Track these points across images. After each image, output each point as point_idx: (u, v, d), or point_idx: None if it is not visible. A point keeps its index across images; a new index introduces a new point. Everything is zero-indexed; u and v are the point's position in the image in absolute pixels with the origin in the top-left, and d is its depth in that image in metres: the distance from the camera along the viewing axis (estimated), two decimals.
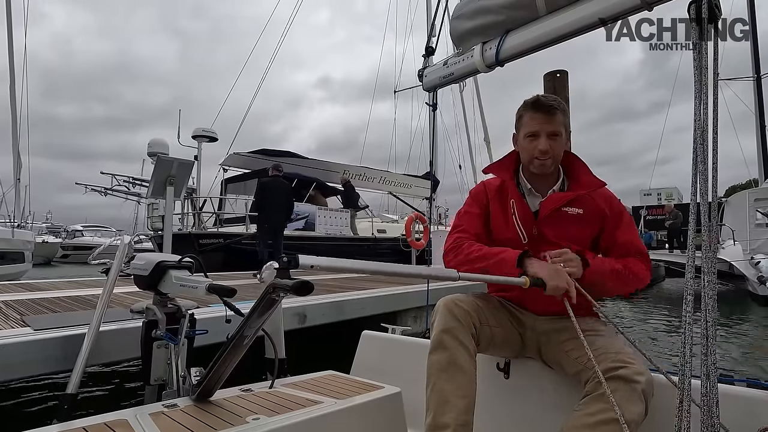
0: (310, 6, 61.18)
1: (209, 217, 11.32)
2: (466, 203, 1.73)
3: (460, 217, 1.71)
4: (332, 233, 11.86)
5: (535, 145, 1.52)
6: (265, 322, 1.18)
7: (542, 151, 1.50)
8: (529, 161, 1.56)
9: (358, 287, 5.16)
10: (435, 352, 1.38)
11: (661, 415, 1.26)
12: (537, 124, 1.52)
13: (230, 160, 12.28)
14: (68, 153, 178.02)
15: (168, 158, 4.48)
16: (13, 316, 3.10)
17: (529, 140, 1.54)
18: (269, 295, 1.05)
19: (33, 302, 3.87)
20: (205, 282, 1.48)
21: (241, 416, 1.25)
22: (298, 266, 0.91)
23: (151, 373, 1.77)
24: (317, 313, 3.85)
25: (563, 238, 1.52)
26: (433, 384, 1.35)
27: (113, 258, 2.45)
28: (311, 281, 0.93)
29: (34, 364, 2.34)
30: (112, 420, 1.21)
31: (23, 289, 5.03)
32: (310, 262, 0.91)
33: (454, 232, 1.65)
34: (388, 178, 14.95)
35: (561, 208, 1.55)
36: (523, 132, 1.57)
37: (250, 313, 1.15)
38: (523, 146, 1.57)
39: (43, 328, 2.58)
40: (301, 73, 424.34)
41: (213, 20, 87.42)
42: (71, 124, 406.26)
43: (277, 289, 1.00)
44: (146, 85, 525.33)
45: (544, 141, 1.50)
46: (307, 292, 0.92)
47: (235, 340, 1.21)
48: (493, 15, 1.96)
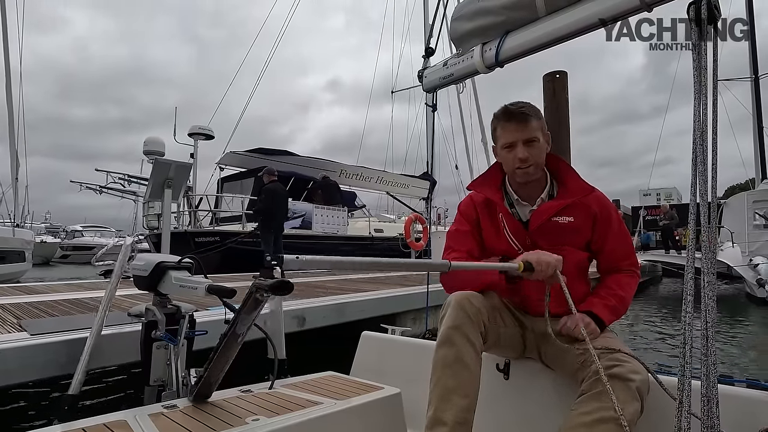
0: (326, 12, 60.25)
1: (205, 215, 11.33)
2: (456, 220, 1.72)
3: (451, 235, 1.69)
4: (329, 232, 11.87)
5: (514, 154, 1.50)
6: (266, 323, 1.19)
7: (521, 159, 1.49)
8: (512, 172, 1.55)
9: (358, 289, 5.16)
10: (442, 347, 1.38)
11: (659, 415, 1.26)
12: (511, 134, 1.51)
13: (226, 158, 12.30)
14: (78, 154, 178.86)
15: (166, 161, 4.49)
16: (10, 320, 3.08)
17: (506, 151, 1.53)
18: (253, 294, 1.08)
19: (31, 305, 3.85)
20: (204, 283, 1.48)
21: (240, 417, 1.25)
22: (282, 265, 0.93)
23: (151, 374, 1.77)
24: (318, 316, 3.86)
25: (556, 247, 1.49)
26: (437, 379, 1.35)
27: (116, 258, 2.44)
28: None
29: (32, 369, 2.32)
30: (112, 421, 1.20)
31: (21, 292, 5.01)
32: (294, 259, 0.91)
33: (447, 254, 1.64)
34: (386, 178, 14.97)
35: (552, 219, 1.54)
36: (500, 144, 1.56)
37: (238, 311, 1.18)
38: (503, 157, 1.57)
39: (40, 333, 2.55)
40: (311, 77, 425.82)
41: (229, 26, 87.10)
42: (84, 125, 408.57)
43: (260, 289, 1.04)
44: (159, 88, 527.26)
45: (521, 149, 1.49)
46: (285, 291, 0.96)
47: (227, 338, 1.22)
48: (492, 16, 1.95)
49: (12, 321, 3.05)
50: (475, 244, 1.63)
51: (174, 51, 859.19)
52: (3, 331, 2.69)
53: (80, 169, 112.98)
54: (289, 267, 0.91)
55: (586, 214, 1.54)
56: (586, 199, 1.56)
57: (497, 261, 1.48)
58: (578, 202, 1.54)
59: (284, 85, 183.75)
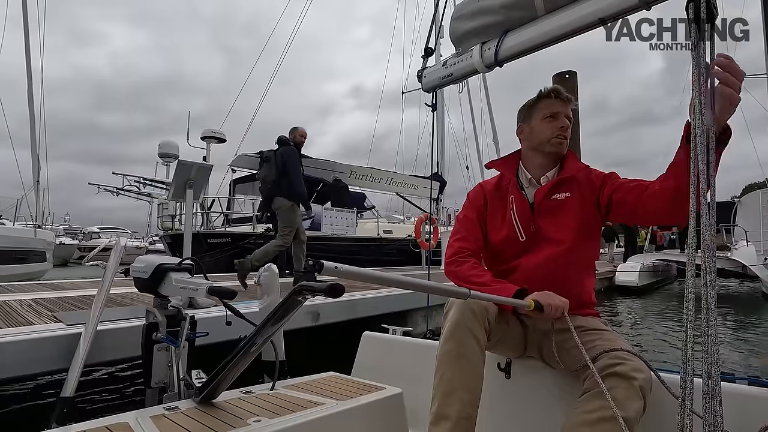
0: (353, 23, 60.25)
1: (217, 216, 11.44)
2: (464, 207, 1.77)
3: (459, 222, 1.75)
4: (338, 233, 11.91)
5: (555, 124, 1.59)
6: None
7: (563, 127, 1.60)
8: (547, 140, 1.60)
9: (365, 287, 5.17)
10: (447, 343, 1.38)
11: (662, 413, 1.26)
12: (556, 106, 1.60)
13: (239, 160, 12.38)
14: (106, 159, 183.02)
15: (188, 162, 4.53)
16: (45, 313, 3.23)
17: (548, 121, 1.60)
18: (293, 296, 1.05)
19: (61, 300, 4.03)
20: (205, 284, 1.49)
21: (242, 418, 1.25)
22: (322, 270, 0.92)
23: (152, 376, 1.77)
24: (332, 312, 3.90)
25: (560, 230, 1.54)
26: (441, 374, 1.36)
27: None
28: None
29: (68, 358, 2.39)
30: (113, 423, 1.21)
31: (49, 289, 5.18)
32: (333, 267, 0.92)
33: (455, 240, 1.69)
34: (395, 179, 14.95)
35: (551, 197, 1.58)
36: (539, 116, 1.63)
37: (271, 315, 1.15)
38: (539, 128, 1.62)
39: (75, 324, 2.70)
40: (334, 84, 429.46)
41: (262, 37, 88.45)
42: (115, 132, 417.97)
43: (304, 291, 1.00)
44: (189, 97, 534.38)
45: (564, 120, 1.60)
46: (338, 294, 0.93)
47: (251, 342, 1.21)
48: (492, 15, 1.95)
49: (47, 313, 3.20)
50: (480, 233, 1.69)
51: (206, 61, 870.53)
52: (40, 322, 2.86)
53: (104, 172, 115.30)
54: (327, 273, 0.92)
55: (584, 185, 1.57)
56: (584, 175, 1.60)
57: (510, 285, 1.48)
58: (574, 177, 1.59)
59: (308, 92, 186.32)
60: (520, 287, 1.45)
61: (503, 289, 1.45)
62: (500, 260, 1.66)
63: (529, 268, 1.56)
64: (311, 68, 78.40)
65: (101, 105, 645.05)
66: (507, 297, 1.39)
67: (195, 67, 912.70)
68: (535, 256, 1.57)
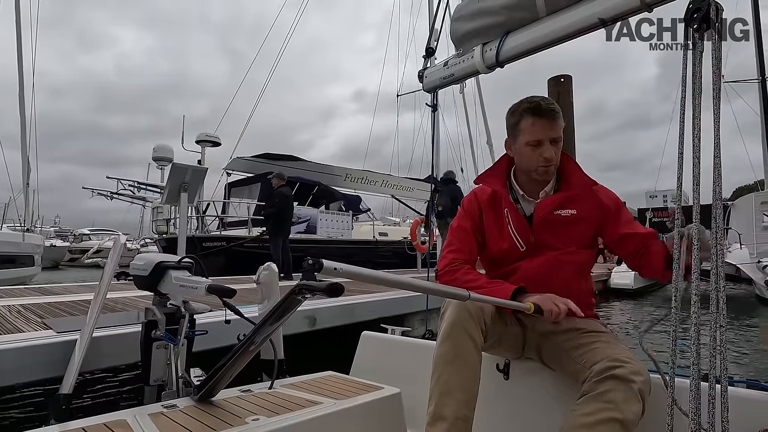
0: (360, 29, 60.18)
1: (212, 220, 11.40)
2: (459, 216, 1.69)
3: (453, 232, 1.67)
4: (333, 236, 11.91)
5: (540, 152, 1.47)
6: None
7: (548, 159, 1.47)
8: (533, 169, 1.51)
9: (364, 290, 5.17)
10: (444, 344, 1.37)
11: (661, 416, 1.25)
12: (540, 131, 1.47)
13: (233, 164, 12.37)
14: (105, 161, 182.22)
15: (182, 165, 4.52)
16: (35, 320, 3.16)
17: (531, 148, 1.49)
18: (293, 295, 1.03)
19: (51, 306, 3.96)
20: (204, 282, 1.48)
21: (240, 417, 1.25)
22: (321, 270, 0.91)
23: (151, 374, 1.77)
24: (329, 316, 3.89)
25: (561, 241, 1.51)
26: (438, 375, 1.35)
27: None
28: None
29: (61, 365, 2.35)
30: (112, 420, 1.20)
31: (39, 293, 5.14)
32: (333, 268, 0.91)
33: (448, 251, 1.62)
34: (390, 181, 15.00)
35: (554, 212, 1.53)
36: (523, 139, 1.50)
37: (270, 313, 1.13)
38: (523, 154, 1.52)
39: (65, 331, 2.64)
40: (337, 87, 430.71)
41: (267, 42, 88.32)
42: (116, 134, 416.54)
43: (303, 290, 0.98)
44: (192, 100, 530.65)
45: (549, 149, 1.46)
46: (338, 293, 0.92)
47: (250, 340, 1.21)
48: (493, 16, 1.96)
49: (36, 320, 3.13)
50: (475, 244, 1.62)
51: (212, 65, 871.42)
52: (30, 329, 2.78)
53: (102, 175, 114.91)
54: (327, 273, 0.91)
55: (591, 207, 1.53)
56: (591, 192, 1.54)
57: (508, 285, 1.46)
58: (581, 194, 1.53)
59: (312, 96, 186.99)
60: (518, 286, 1.44)
61: (501, 289, 1.44)
62: (499, 265, 1.64)
63: (529, 270, 1.55)
64: (316, 73, 79.20)
65: (105, 107, 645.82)
66: (506, 298, 1.39)
67: (201, 71, 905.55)
68: (534, 260, 1.55)
